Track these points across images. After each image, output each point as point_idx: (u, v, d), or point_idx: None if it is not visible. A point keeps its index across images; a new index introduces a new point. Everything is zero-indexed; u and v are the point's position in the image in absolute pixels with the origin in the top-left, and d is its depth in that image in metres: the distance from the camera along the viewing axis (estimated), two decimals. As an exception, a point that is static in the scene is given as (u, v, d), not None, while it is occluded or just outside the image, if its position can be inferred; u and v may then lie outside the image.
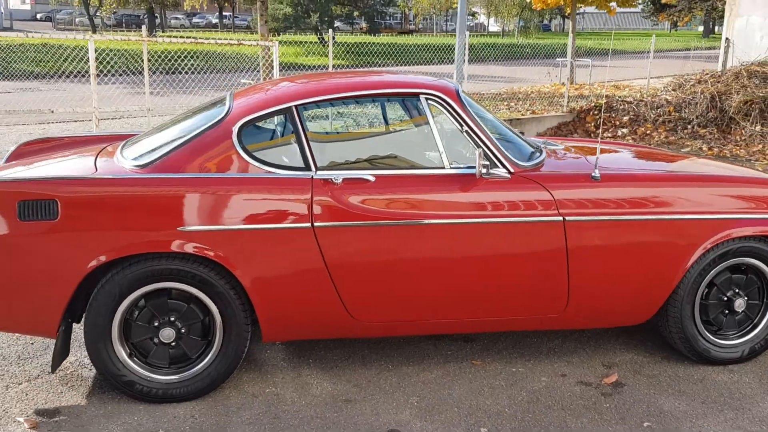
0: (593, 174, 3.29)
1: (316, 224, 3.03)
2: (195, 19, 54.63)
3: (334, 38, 10.29)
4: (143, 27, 7.32)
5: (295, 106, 3.19)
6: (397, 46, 19.00)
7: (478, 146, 3.20)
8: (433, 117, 3.25)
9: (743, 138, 10.62)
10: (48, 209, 2.89)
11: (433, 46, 25.42)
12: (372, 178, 3.12)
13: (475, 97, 15.75)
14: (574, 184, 3.26)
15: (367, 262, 3.11)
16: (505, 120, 10.33)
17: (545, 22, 53.41)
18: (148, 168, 3.07)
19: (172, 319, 3.10)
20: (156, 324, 3.09)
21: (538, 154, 3.46)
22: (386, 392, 3.29)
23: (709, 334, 3.53)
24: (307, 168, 3.12)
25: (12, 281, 2.95)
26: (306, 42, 26.40)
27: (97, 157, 3.42)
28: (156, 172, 3.04)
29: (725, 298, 3.52)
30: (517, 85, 17.41)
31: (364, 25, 46.30)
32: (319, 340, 3.77)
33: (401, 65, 21.50)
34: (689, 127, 11.19)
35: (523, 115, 12.07)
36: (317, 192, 3.05)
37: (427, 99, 3.27)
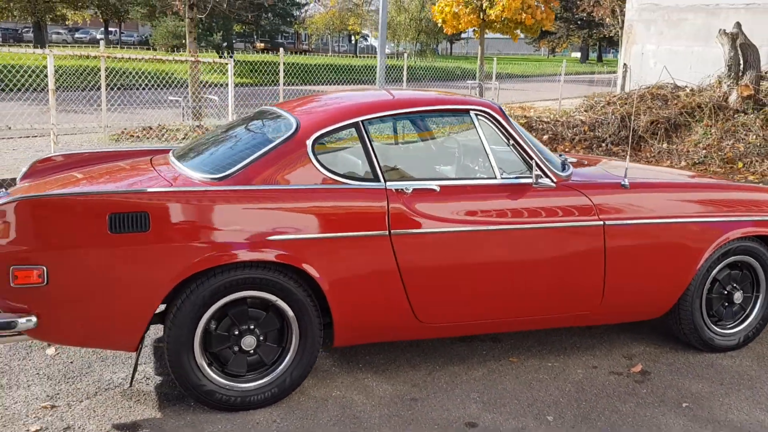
0: (622, 182, 3.67)
1: (392, 231, 3.21)
2: (78, 35, 52.29)
3: (229, 54, 10.38)
4: (101, 42, 7.13)
5: (362, 120, 3.37)
6: (304, 66, 19.12)
7: (531, 158, 3.51)
8: (482, 131, 3.53)
9: (652, 155, 11.60)
10: (139, 222, 2.91)
11: (336, 67, 25.77)
12: (437, 188, 3.35)
13: None
14: (608, 192, 3.63)
15: (435, 267, 3.33)
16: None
17: (433, 46, 55.23)
18: (227, 180, 3.14)
19: (252, 327, 3.17)
20: (236, 332, 3.15)
21: (567, 165, 3.80)
22: (445, 390, 3.50)
23: (712, 325, 3.99)
24: (376, 179, 3.30)
25: (99, 294, 2.93)
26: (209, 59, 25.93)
27: (154, 169, 3.44)
28: (237, 185, 3.12)
29: (725, 292, 3.99)
30: (430, 105, 18.02)
31: (258, 44, 46.17)
32: (361, 346, 3.92)
33: (309, 85, 21.65)
34: (603, 144, 12.10)
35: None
36: (392, 201, 3.24)
37: (477, 115, 3.55)
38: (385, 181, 3.31)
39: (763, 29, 13.90)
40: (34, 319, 2.89)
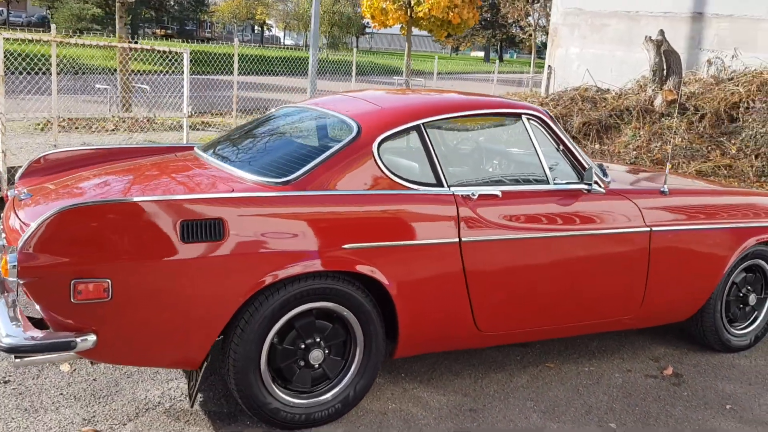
0: (662, 189, 3.74)
1: (462, 238, 3.12)
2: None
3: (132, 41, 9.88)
4: (53, 27, 6.55)
5: (423, 123, 3.24)
6: (225, 56, 18.39)
7: (583, 164, 3.50)
8: (534, 135, 3.49)
9: (587, 155, 12.02)
10: (213, 229, 2.67)
11: (250, 57, 24.99)
12: (499, 193, 3.28)
13: None
14: (651, 198, 3.68)
15: (500, 274, 3.26)
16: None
17: (345, 39, 55.06)
18: (292, 185, 2.94)
19: (318, 339, 2.99)
20: (303, 346, 2.96)
21: (606, 171, 3.83)
22: (499, 399, 3.44)
23: (728, 326, 4.14)
24: (439, 184, 3.19)
25: (167, 308, 2.67)
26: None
27: (197, 169, 3.19)
28: (303, 189, 2.93)
29: (741, 295, 4.15)
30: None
31: (158, 30, 44.36)
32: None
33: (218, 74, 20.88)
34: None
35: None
36: (460, 207, 3.14)
37: (528, 119, 3.50)
38: (448, 186, 3.20)
39: (679, 36, 14.69)
40: (93, 337, 2.59)
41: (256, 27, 78.83)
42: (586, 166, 3.53)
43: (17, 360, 2.64)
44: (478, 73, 26.81)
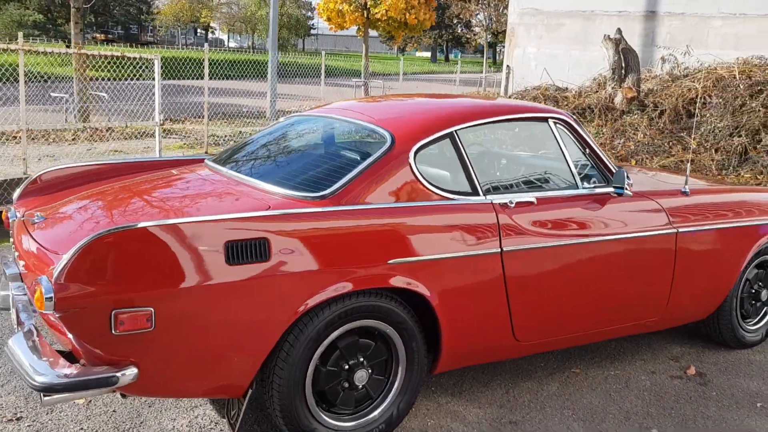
0: (683, 189, 3.73)
1: (504, 248, 3.03)
2: None
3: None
4: (20, 34, 6.18)
5: (456, 130, 3.15)
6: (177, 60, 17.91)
7: (609, 168, 3.46)
8: (561, 139, 3.43)
9: (554, 153, 12.13)
10: (259, 250, 2.51)
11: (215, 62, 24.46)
12: (534, 200, 3.21)
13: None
14: (674, 198, 3.67)
15: (539, 282, 3.19)
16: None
17: (293, 41, 54.53)
18: (329, 200, 2.80)
19: (362, 359, 2.86)
20: (347, 367, 2.83)
21: (628, 174, 3.80)
22: (535, 409, 3.37)
23: (742, 322, 4.17)
24: (475, 192, 3.10)
25: (212, 336, 2.50)
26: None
27: (219, 184, 3.03)
28: (340, 204, 2.79)
29: (753, 291, 4.19)
30: (315, 103, 17.72)
31: (98, 35, 43.15)
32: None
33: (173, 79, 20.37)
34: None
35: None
36: (500, 215, 3.06)
37: (555, 123, 3.45)
38: (483, 194, 3.11)
39: (633, 35, 14.98)
40: (135, 370, 2.41)
41: (199, 30, 77.58)
42: (613, 169, 3.49)
43: (46, 398, 2.44)
44: (441, 73, 26.88)
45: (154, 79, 7.49)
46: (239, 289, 2.49)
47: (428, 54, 70.82)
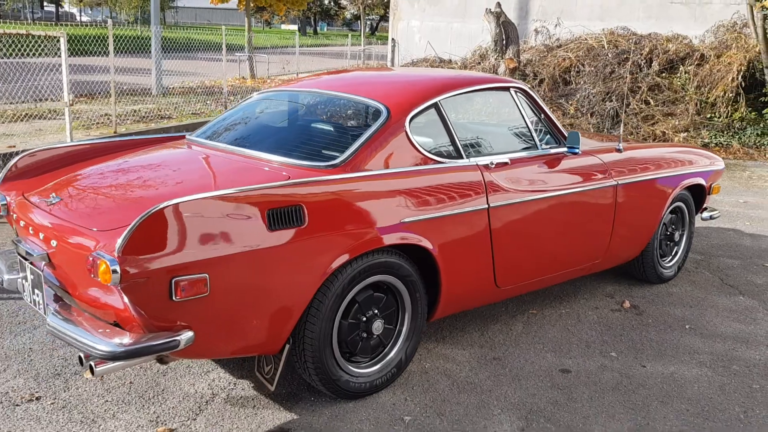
0: (618, 147, 4.28)
1: (490, 204, 3.41)
2: None
3: None
4: None
5: (439, 100, 3.48)
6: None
7: (560, 131, 3.92)
8: (521, 106, 3.85)
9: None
10: (296, 215, 2.74)
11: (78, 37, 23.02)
12: (508, 160, 3.61)
13: (177, 92, 14.91)
14: (612, 155, 4.21)
15: (517, 233, 3.60)
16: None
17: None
18: (340, 168, 3.07)
19: (375, 311, 3.16)
20: (364, 319, 3.12)
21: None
22: (512, 346, 3.81)
23: (660, 260, 4.84)
24: (459, 156, 3.46)
25: (256, 297, 2.70)
26: None
27: (223, 156, 3.22)
28: (353, 171, 3.06)
29: (668, 233, 4.86)
30: (198, 79, 17.35)
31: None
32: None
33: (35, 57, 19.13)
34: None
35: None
36: (485, 175, 3.43)
37: (516, 91, 3.86)
38: (466, 157, 3.47)
39: (509, 8, 15.81)
40: (191, 334, 2.58)
41: (45, 3, 72.29)
42: (564, 132, 3.95)
43: (99, 368, 2.56)
44: (333, 46, 26.98)
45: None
46: (280, 252, 2.71)
47: (294, 27, 70.06)
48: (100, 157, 3.58)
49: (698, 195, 4.99)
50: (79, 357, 2.59)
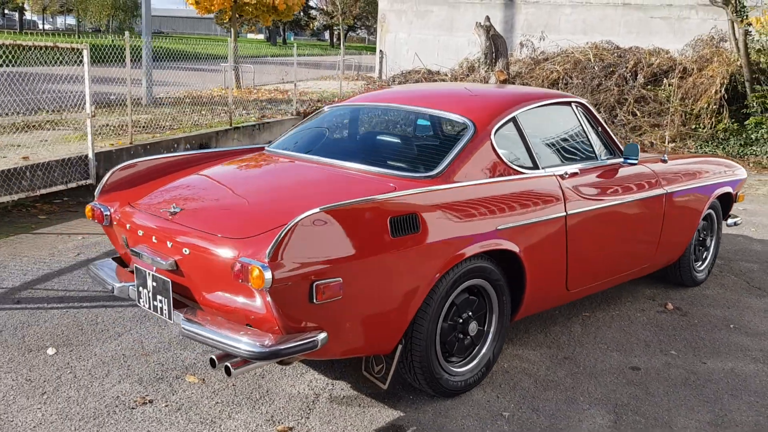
0: (663, 158, 4.56)
1: (568, 212, 3.64)
2: None
3: None
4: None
5: (516, 114, 3.70)
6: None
7: (615, 143, 4.18)
8: (581, 119, 4.10)
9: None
10: (412, 222, 2.92)
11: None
12: (578, 171, 3.84)
13: (167, 102, 14.82)
14: (659, 165, 4.48)
15: (587, 238, 3.83)
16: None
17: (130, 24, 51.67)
18: (438, 178, 3.26)
19: (470, 313, 3.35)
20: (461, 321, 3.30)
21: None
22: (578, 346, 4.03)
23: (694, 264, 5.13)
24: (536, 166, 3.68)
25: (379, 300, 2.87)
26: None
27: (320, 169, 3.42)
28: (448, 182, 3.26)
29: (701, 238, 5.16)
30: (184, 89, 17.33)
31: None
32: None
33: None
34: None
35: (258, 120, 12.48)
36: (562, 185, 3.66)
37: (576, 106, 4.10)
38: (542, 167, 3.69)
39: (495, 22, 16.19)
40: (325, 335, 2.74)
41: (5, 11, 71.07)
42: (618, 142, 4.21)
43: (237, 370, 2.70)
44: (318, 56, 27.07)
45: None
46: (401, 257, 2.89)
47: (261, 36, 69.97)
48: (190, 168, 3.71)
49: (725, 202, 5.29)
50: (211, 359, 2.74)
